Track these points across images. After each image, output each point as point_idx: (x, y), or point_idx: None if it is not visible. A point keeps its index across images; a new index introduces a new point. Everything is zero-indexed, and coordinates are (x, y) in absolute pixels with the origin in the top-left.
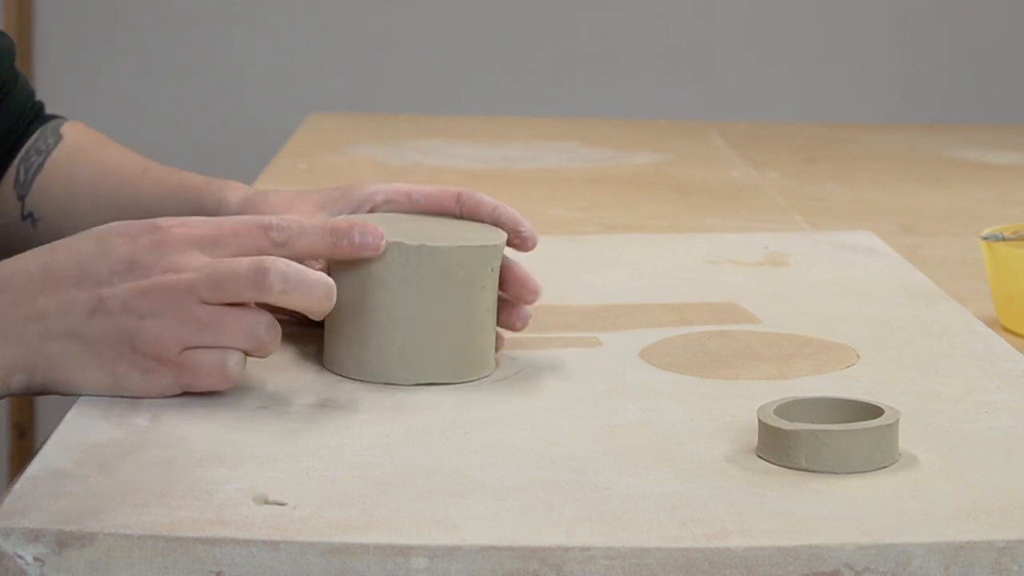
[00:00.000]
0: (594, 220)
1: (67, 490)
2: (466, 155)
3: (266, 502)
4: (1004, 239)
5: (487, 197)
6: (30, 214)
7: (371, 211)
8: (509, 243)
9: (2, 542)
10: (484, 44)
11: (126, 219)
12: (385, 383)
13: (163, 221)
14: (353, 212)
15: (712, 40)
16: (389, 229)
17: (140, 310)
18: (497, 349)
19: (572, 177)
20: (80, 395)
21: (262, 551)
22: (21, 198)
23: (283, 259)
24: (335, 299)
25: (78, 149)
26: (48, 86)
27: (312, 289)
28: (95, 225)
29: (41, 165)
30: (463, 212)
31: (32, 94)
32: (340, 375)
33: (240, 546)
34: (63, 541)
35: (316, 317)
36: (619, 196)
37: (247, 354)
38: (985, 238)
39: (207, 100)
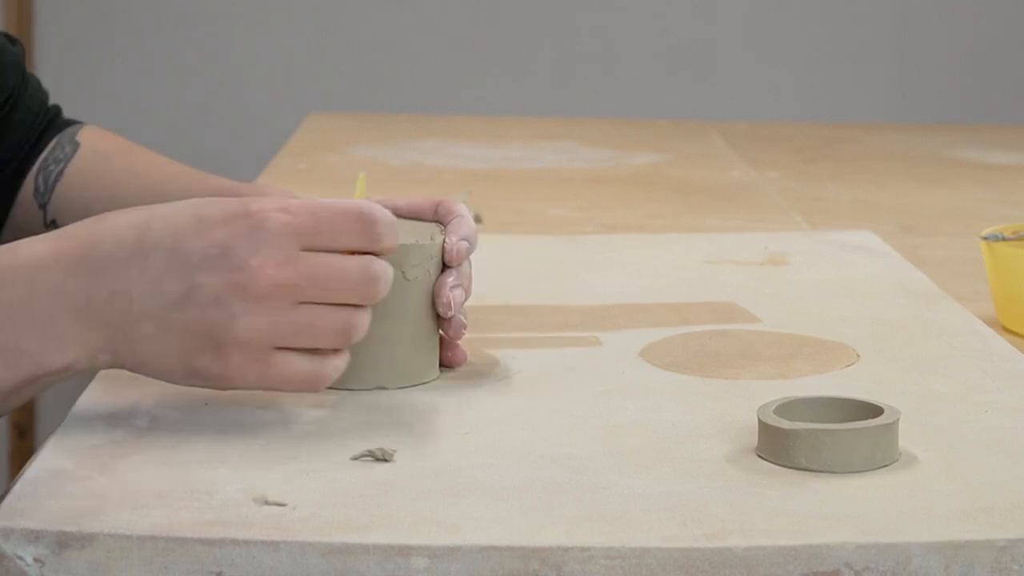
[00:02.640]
0: (594, 220)
1: (67, 491)
2: (466, 155)
3: (266, 502)
4: (1004, 239)
5: (461, 207)
6: (53, 221)
7: None
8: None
9: (2, 543)
10: (484, 44)
11: None
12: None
13: (257, 204)
14: None
15: (712, 40)
16: None
17: (233, 307)
18: (457, 364)
19: (572, 177)
20: (147, 376)
21: (262, 551)
22: (42, 206)
23: (383, 263)
24: None
25: (100, 155)
26: (48, 86)
27: (390, 284)
28: None
29: (61, 173)
30: (438, 219)
31: (45, 100)
32: None
33: (240, 546)
34: (63, 542)
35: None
36: (619, 196)
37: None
38: (985, 238)
39: (207, 100)
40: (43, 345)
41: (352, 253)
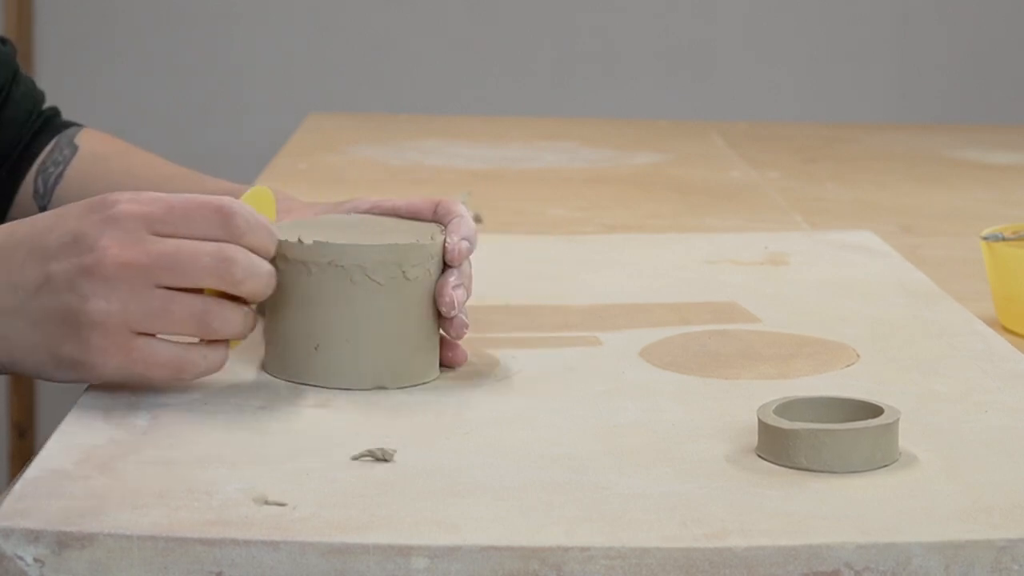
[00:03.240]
0: (594, 220)
1: (67, 491)
2: (466, 155)
3: (266, 502)
4: (1004, 239)
5: (460, 208)
6: None
7: None
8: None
9: (2, 543)
10: (484, 44)
11: None
12: (304, 384)
13: (116, 195)
14: None
15: (712, 40)
16: (323, 230)
17: (85, 289)
18: (458, 364)
19: (572, 177)
20: (25, 375)
21: (262, 551)
22: (42, 208)
23: (243, 249)
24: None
25: (99, 157)
26: (48, 86)
27: (263, 277)
28: None
29: (60, 175)
30: (437, 220)
31: (40, 101)
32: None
33: (240, 546)
34: (63, 542)
35: (256, 301)
36: (619, 196)
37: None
38: (985, 238)
39: (207, 100)
40: None
41: None
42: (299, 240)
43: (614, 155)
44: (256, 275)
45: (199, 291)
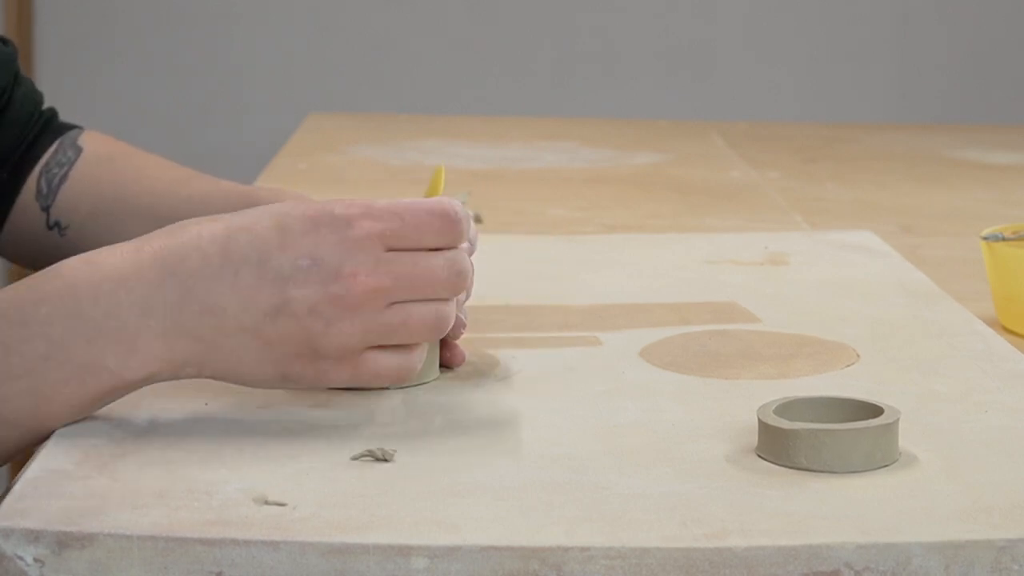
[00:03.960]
0: (594, 220)
1: (67, 491)
2: (466, 155)
3: (266, 502)
4: (1004, 239)
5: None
6: (56, 223)
7: None
8: None
9: (2, 543)
10: (484, 44)
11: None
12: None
13: (342, 208)
14: None
15: (712, 40)
16: None
17: (328, 315)
18: (456, 364)
19: (572, 177)
20: (248, 386)
21: (262, 551)
22: (45, 209)
23: (465, 254)
24: None
25: (105, 159)
26: (48, 86)
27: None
28: (126, 234)
29: (65, 177)
30: None
31: (40, 102)
32: None
33: (240, 546)
34: (63, 542)
35: None
36: (619, 196)
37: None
38: (985, 238)
39: (207, 100)
40: (126, 361)
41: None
42: None
43: (614, 155)
44: (473, 276)
45: None
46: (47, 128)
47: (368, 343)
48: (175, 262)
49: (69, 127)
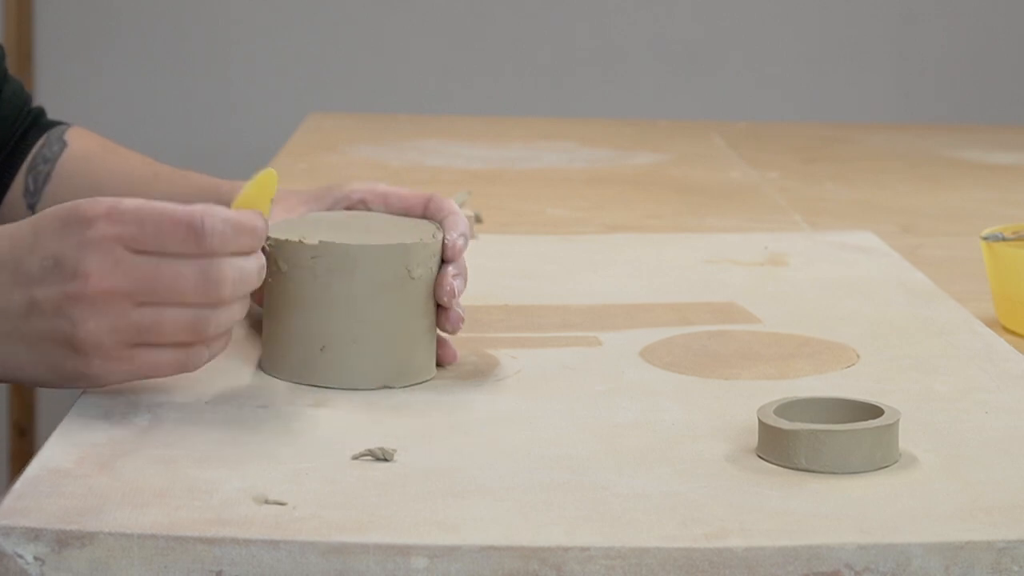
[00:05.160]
0: (594, 220)
1: (67, 490)
2: (466, 155)
3: (266, 502)
4: (1004, 239)
5: (451, 203)
6: None
7: (347, 209)
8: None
9: (2, 541)
10: (484, 44)
11: None
12: (309, 384)
13: (91, 209)
14: (328, 209)
15: (712, 40)
16: (326, 230)
17: (72, 316)
18: (447, 362)
19: (572, 177)
20: (32, 387)
21: (262, 551)
22: (31, 207)
23: (226, 262)
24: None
25: (85, 156)
26: (48, 86)
27: (251, 279)
28: None
29: (49, 174)
30: (427, 214)
31: (27, 100)
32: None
33: (240, 546)
34: (63, 540)
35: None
36: (619, 196)
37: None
38: (985, 238)
39: (207, 100)
40: None
41: None
42: (301, 241)
43: (614, 155)
44: (244, 280)
45: None
46: (35, 124)
47: (127, 341)
48: None
49: (57, 123)
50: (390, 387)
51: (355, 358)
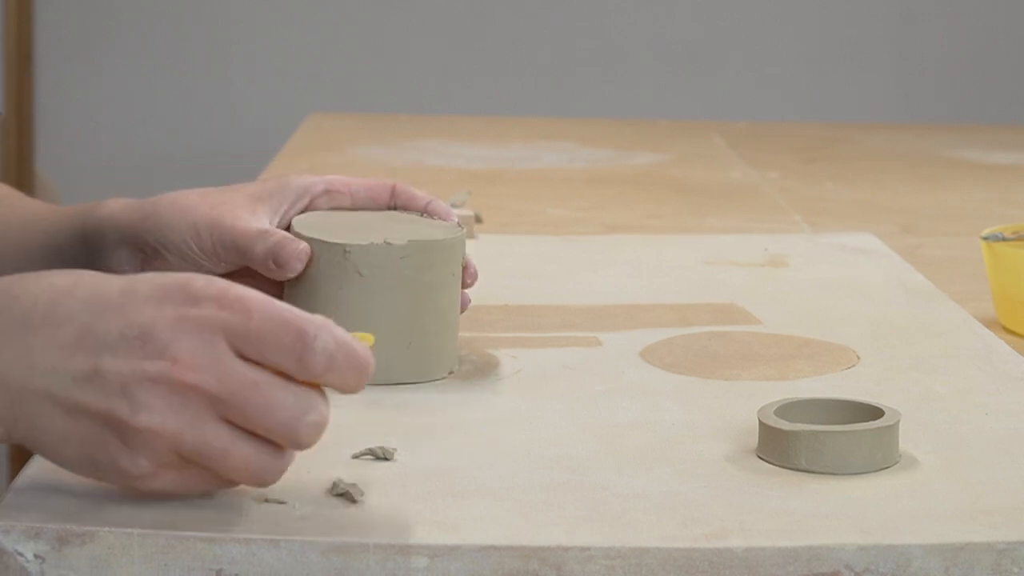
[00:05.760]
0: (594, 220)
1: (67, 487)
2: (466, 155)
3: (266, 500)
4: (1004, 239)
5: (420, 192)
6: None
7: (309, 205)
8: None
9: (3, 539)
10: (484, 44)
11: None
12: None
13: (200, 287)
14: (292, 206)
15: (712, 40)
16: (342, 229)
17: (137, 399)
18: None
19: (572, 177)
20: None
21: (262, 549)
22: None
23: (325, 403)
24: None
25: None
26: (48, 86)
27: (323, 429)
28: None
29: None
30: (398, 205)
31: None
32: None
33: (240, 544)
34: (63, 538)
35: None
36: (619, 196)
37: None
38: (985, 238)
39: (207, 100)
40: None
41: None
42: (387, 242)
43: (614, 155)
44: (321, 429)
45: None
46: None
47: (179, 451)
48: (8, 300)
49: None
50: (452, 371)
51: (436, 350)
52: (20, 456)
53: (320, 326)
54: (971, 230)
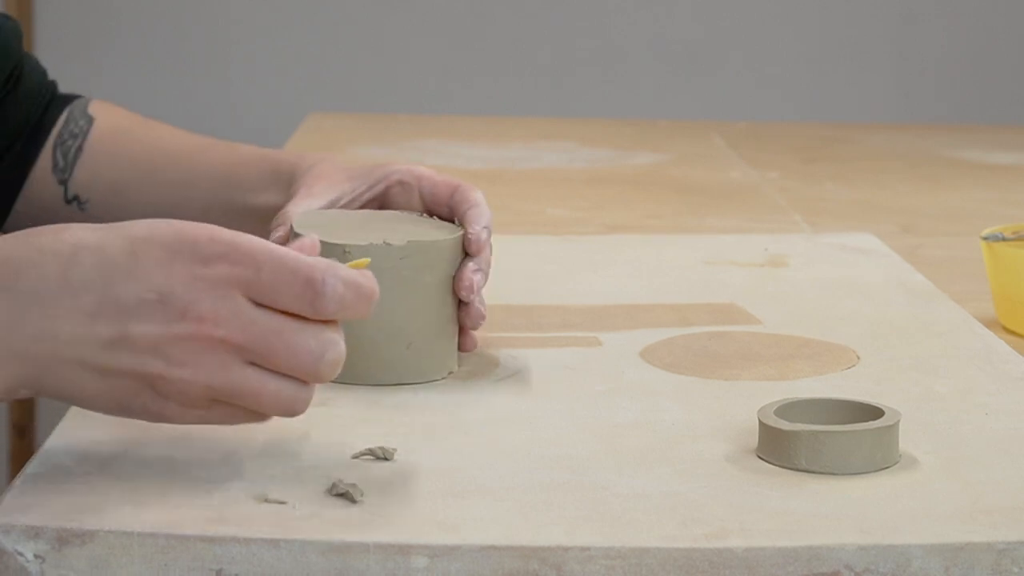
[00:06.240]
0: (594, 220)
1: (68, 488)
2: (466, 155)
3: (266, 500)
4: (1004, 239)
5: (478, 196)
6: (75, 197)
7: (387, 189)
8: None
9: (3, 539)
10: (484, 44)
11: (185, 199)
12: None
13: (206, 244)
14: (369, 189)
15: (712, 40)
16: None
17: (170, 356)
18: (467, 349)
19: (572, 177)
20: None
21: (262, 549)
22: (63, 182)
23: (340, 341)
24: None
25: (120, 130)
26: None
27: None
28: (149, 206)
29: (80, 148)
30: (453, 205)
31: (45, 73)
32: None
33: (240, 544)
34: (63, 538)
35: None
36: (619, 196)
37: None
38: (985, 238)
39: (207, 100)
40: None
41: None
42: (387, 243)
43: (614, 155)
44: (339, 364)
45: None
46: (55, 99)
47: (214, 396)
48: (13, 277)
49: (74, 97)
50: (453, 371)
51: (436, 351)
52: (20, 456)
53: (326, 270)
54: (971, 230)
